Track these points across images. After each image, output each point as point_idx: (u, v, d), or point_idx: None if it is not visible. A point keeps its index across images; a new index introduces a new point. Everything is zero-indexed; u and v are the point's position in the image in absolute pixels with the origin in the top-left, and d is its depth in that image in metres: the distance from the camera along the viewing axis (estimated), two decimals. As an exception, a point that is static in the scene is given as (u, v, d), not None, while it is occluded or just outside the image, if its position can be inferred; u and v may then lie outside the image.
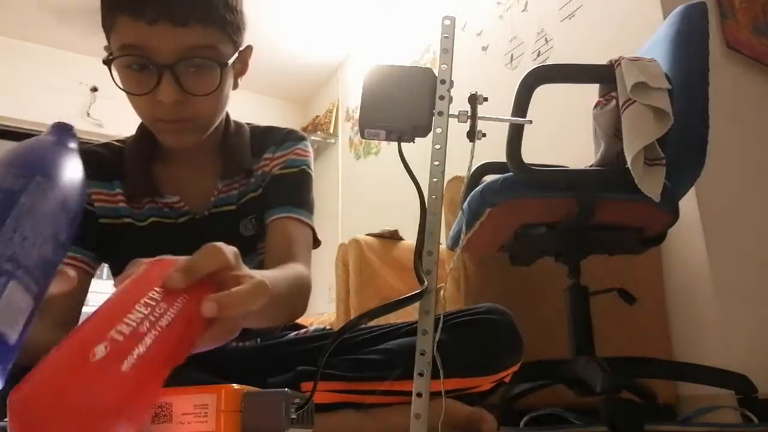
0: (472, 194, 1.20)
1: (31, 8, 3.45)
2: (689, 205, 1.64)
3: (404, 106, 0.68)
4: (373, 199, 3.50)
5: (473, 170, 1.42)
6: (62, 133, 0.48)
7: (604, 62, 1.16)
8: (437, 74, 0.68)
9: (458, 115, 0.68)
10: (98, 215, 0.90)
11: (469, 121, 0.68)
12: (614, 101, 1.12)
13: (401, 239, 2.37)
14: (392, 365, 0.81)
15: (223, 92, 0.84)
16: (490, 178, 1.23)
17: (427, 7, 3.18)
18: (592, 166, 1.22)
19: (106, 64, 0.80)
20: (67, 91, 3.75)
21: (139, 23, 0.75)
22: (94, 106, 3.80)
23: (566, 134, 2.04)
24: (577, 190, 1.14)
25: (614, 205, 1.16)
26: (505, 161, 1.14)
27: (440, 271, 0.63)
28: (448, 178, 0.94)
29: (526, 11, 2.43)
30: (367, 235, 2.31)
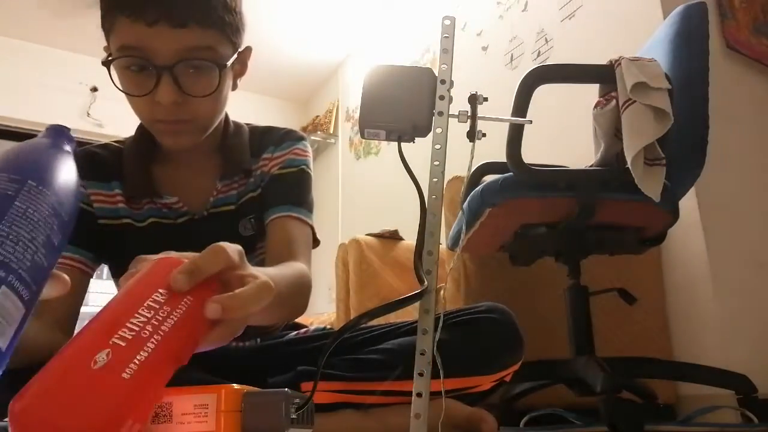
0: (472, 194, 1.20)
1: (31, 8, 3.45)
2: (689, 205, 1.64)
3: (404, 106, 0.68)
4: (373, 199, 3.50)
5: (473, 170, 1.42)
6: (58, 135, 0.47)
7: (604, 62, 1.16)
8: (437, 74, 0.68)
9: (458, 115, 0.68)
10: (97, 216, 0.90)
11: (469, 121, 0.68)
12: (614, 101, 1.12)
13: (401, 239, 2.37)
14: (392, 365, 0.81)
15: (221, 93, 0.84)
16: (490, 178, 1.23)
17: (427, 7, 3.18)
18: (592, 166, 1.22)
19: (105, 65, 0.80)
20: (67, 91, 3.75)
21: (138, 24, 0.75)
22: (94, 106, 3.80)
23: (566, 134, 2.04)
24: (577, 190, 1.14)
25: (614, 205, 1.16)
26: (505, 161, 1.14)
27: (440, 271, 0.63)
28: (448, 178, 0.94)
29: (526, 11, 2.43)
30: (367, 235, 2.31)
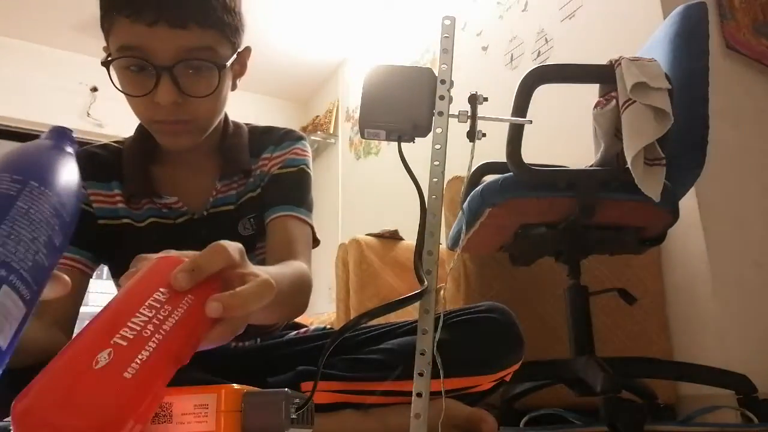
0: (472, 194, 1.20)
1: (31, 8, 3.45)
2: (689, 205, 1.64)
3: (404, 106, 0.68)
4: (373, 199, 3.50)
5: (473, 170, 1.42)
6: (60, 137, 0.48)
7: (604, 62, 1.16)
8: (437, 74, 0.68)
9: (458, 115, 0.68)
10: (97, 216, 0.90)
11: (469, 121, 0.68)
12: (614, 101, 1.12)
13: (401, 239, 2.37)
14: (392, 365, 0.81)
15: (221, 94, 0.84)
16: (490, 178, 1.23)
17: (427, 7, 3.18)
18: (592, 166, 1.22)
19: (104, 65, 0.80)
20: (67, 91, 3.75)
21: (137, 25, 0.75)
22: (94, 106, 3.80)
23: (566, 134, 2.04)
24: (577, 190, 1.14)
25: (614, 205, 1.16)
26: (505, 161, 1.14)
27: (440, 271, 0.63)
28: (448, 178, 0.94)
29: (526, 11, 2.43)
30: (367, 235, 2.31)
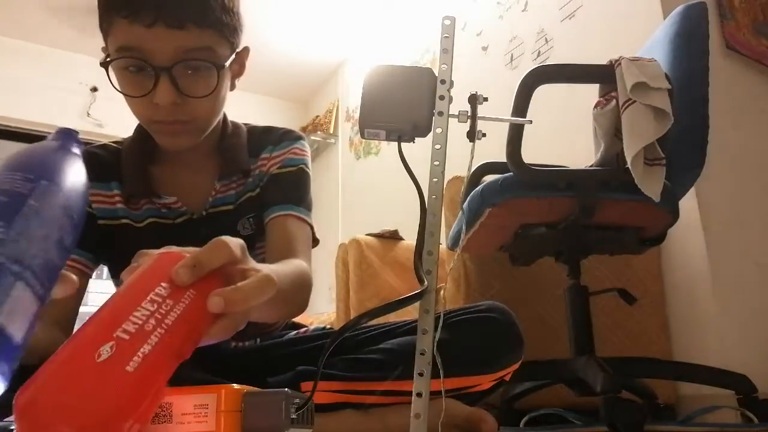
0: (472, 194, 1.20)
1: (31, 8, 3.45)
2: (689, 205, 1.64)
3: (404, 106, 0.68)
4: (373, 199, 3.50)
5: (473, 170, 1.42)
6: (67, 138, 0.49)
7: (604, 62, 1.16)
8: (437, 74, 0.68)
9: (458, 115, 0.68)
10: (97, 216, 0.90)
11: (469, 121, 0.68)
12: (614, 101, 1.12)
13: (401, 239, 2.37)
14: (392, 365, 0.81)
15: (220, 94, 0.84)
16: (490, 178, 1.23)
17: (427, 7, 3.18)
18: (592, 166, 1.22)
19: (103, 66, 0.80)
20: (67, 91, 3.75)
21: (136, 26, 0.75)
22: (94, 106, 3.80)
23: (566, 134, 2.04)
24: (577, 190, 1.14)
25: (614, 205, 1.16)
26: (505, 161, 1.14)
27: (440, 271, 0.63)
28: (448, 178, 0.94)
29: (526, 11, 2.43)
30: (367, 235, 2.31)
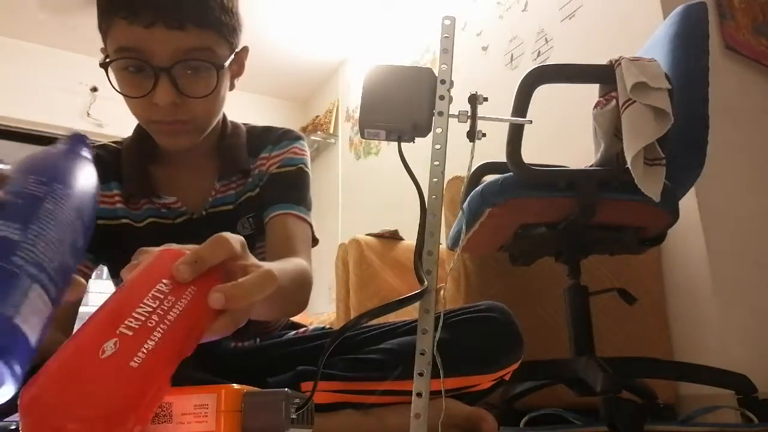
0: (472, 194, 1.20)
1: (31, 8, 3.45)
2: (689, 205, 1.64)
3: (404, 106, 0.68)
4: (373, 199, 3.50)
5: (473, 170, 1.42)
6: (78, 143, 0.50)
7: (604, 62, 1.16)
8: (437, 74, 0.68)
9: (458, 115, 0.68)
10: (96, 216, 0.90)
11: (469, 121, 0.68)
12: (614, 101, 1.12)
13: (401, 239, 2.37)
14: (392, 365, 0.81)
15: (219, 94, 0.84)
16: (490, 178, 1.23)
17: (427, 7, 3.18)
18: (592, 166, 1.22)
19: (103, 67, 0.80)
20: (67, 91, 3.74)
21: (135, 26, 0.75)
22: (94, 106, 3.80)
23: (566, 134, 2.04)
24: (577, 190, 1.14)
25: (614, 205, 1.16)
26: (505, 161, 1.14)
27: (440, 271, 0.63)
28: (448, 178, 0.94)
29: (526, 11, 2.43)
30: (367, 235, 2.31)
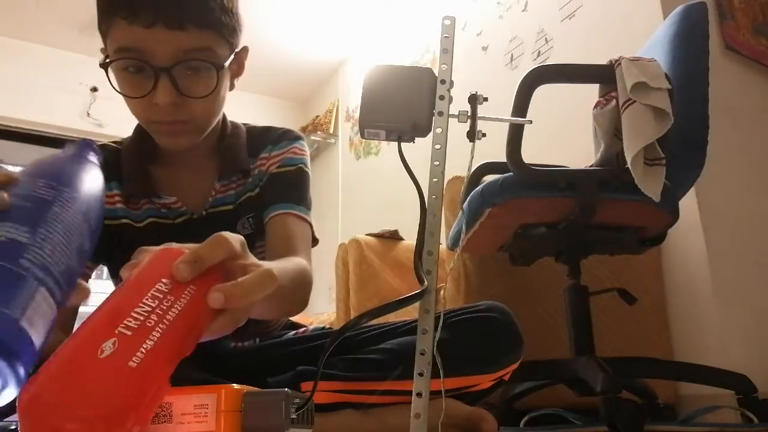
0: (472, 194, 1.20)
1: (31, 8, 3.45)
2: (689, 205, 1.64)
3: (404, 106, 0.68)
4: (373, 199, 3.50)
5: (473, 170, 1.42)
6: (87, 149, 0.51)
7: (604, 62, 1.16)
8: (437, 74, 0.68)
9: (458, 115, 0.68)
10: None
11: (469, 121, 0.68)
12: (614, 101, 1.12)
13: (401, 239, 2.37)
14: (392, 365, 0.81)
15: (219, 94, 0.84)
16: (490, 178, 1.23)
17: (426, 7, 3.18)
18: (592, 166, 1.22)
19: (103, 67, 0.80)
20: (67, 91, 3.75)
21: (135, 27, 0.75)
22: (94, 106, 3.80)
23: (566, 134, 2.04)
24: (577, 190, 1.14)
25: (614, 205, 1.16)
26: (505, 161, 1.14)
27: (440, 271, 0.62)
28: (448, 178, 0.93)
29: (526, 11, 2.43)
30: (367, 235, 2.31)
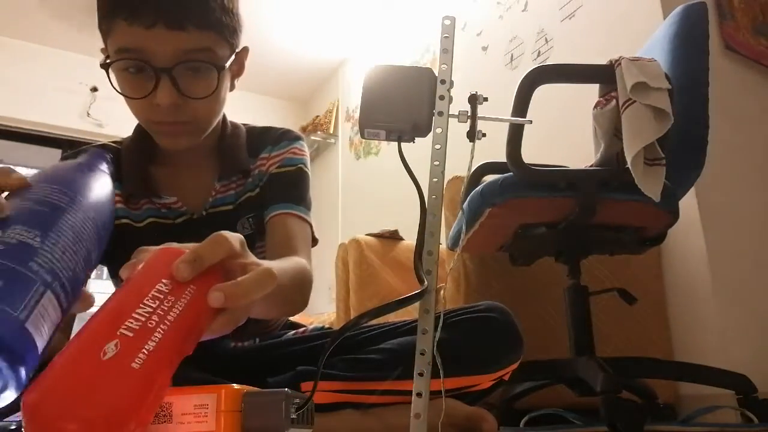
0: (472, 194, 1.20)
1: (31, 8, 3.45)
2: (689, 205, 1.64)
3: (404, 106, 0.68)
4: (373, 199, 3.50)
5: (473, 170, 1.42)
6: (100, 159, 0.53)
7: (604, 62, 1.16)
8: (437, 74, 0.68)
9: (458, 115, 0.68)
10: None
11: (469, 121, 0.68)
12: (614, 101, 1.12)
13: (401, 239, 2.37)
14: (392, 365, 0.81)
15: (220, 94, 0.84)
16: (490, 178, 1.23)
17: (426, 7, 3.18)
18: (592, 166, 1.22)
19: (103, 67, 0.80)
20: (67, 91, 3.75)
21: (136, 27, 0.75)
22: (94, 106, 3.80)
23: (566, 134, 2.04)
24: (577, 190, 1.14)
25: (614, 205, 1.16)
26: (505, 161, 1.14)
27: (440, 271, 0.63)
28: (448, 178, 0.93)
29: (526, 11, 2.43)
30: (367, 235, 2.31)
